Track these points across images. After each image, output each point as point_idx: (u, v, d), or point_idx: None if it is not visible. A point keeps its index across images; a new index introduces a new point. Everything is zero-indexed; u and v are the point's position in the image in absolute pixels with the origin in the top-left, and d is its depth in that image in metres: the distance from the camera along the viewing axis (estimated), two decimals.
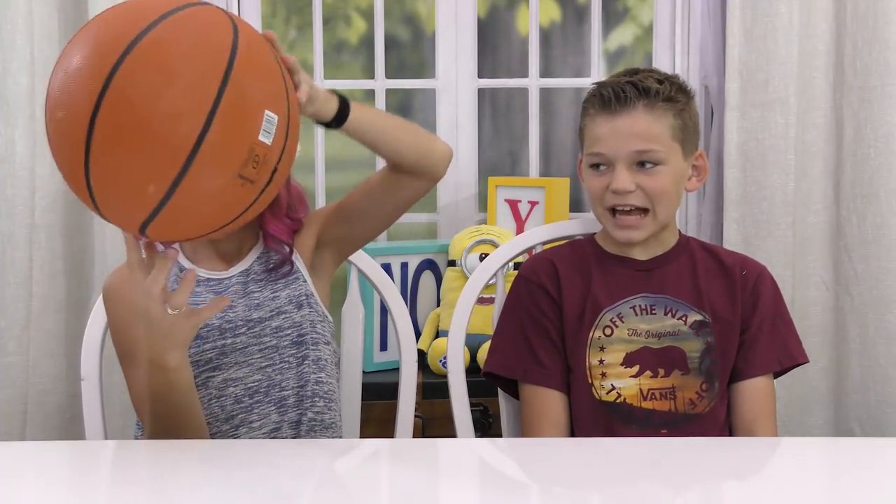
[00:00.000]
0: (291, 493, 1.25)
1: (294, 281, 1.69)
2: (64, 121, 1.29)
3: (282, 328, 1.65)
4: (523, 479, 1.38)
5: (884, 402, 2.31)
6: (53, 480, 1.35)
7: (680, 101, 1.68)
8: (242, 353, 1.63)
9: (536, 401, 1.71)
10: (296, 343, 1.66)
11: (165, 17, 1.30)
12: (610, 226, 1.71)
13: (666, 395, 1.68)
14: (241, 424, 1.62)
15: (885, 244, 2.30)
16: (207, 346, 1.61)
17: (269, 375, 1.63)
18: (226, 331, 1.62)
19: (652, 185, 1.66)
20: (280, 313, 1.66)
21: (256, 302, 1.65)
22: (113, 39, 1.28)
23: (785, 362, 1.74)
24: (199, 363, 1.61)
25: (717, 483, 1.32)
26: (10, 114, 2.31)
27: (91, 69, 1.27)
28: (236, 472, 1.33)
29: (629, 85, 1.66)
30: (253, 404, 1.62)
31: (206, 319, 1.47)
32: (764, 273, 1.76)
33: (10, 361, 2.31)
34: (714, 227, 2.44)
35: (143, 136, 1.26)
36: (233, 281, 1.65)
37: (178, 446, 1.46)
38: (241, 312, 1.64)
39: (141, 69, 1.26)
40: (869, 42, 2.29)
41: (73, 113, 1.27)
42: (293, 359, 1.65)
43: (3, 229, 2.31)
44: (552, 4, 2.77)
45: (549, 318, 1.71)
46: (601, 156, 1.69)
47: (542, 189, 2.44)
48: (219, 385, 1.62)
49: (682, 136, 1.69)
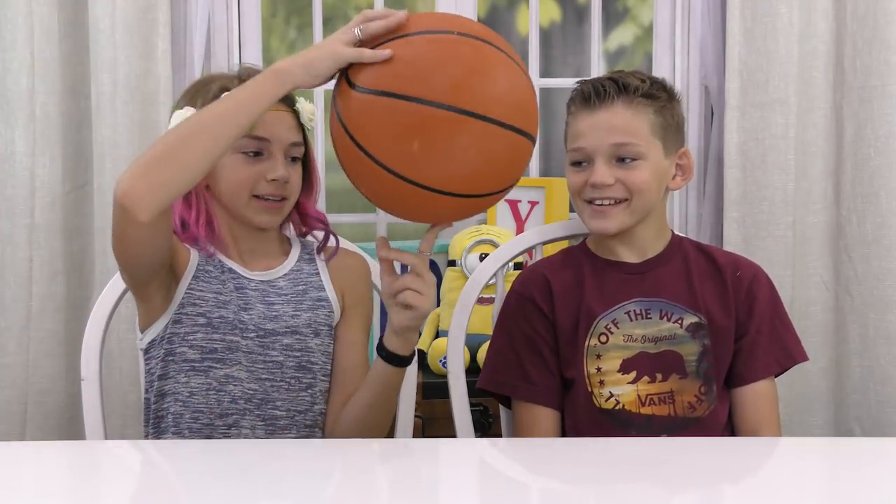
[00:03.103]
0: (291, 492, 1.25)
1: (321, 307, 1.70)
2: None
3: (292, 348, 1.65)
4: (523, 479, 1.38)
5: (884, 402, 2.31)
6: (53, 480, 1.35)
7: (660, 98, 1.68)
8: (247, 357, 1.63)
9: (526, 417, 1.72)
10: (302, 367, 1.66)
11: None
12: (586, 216, 1.71)
13: (664, 399, 1.67)
14: (234, 425, 1.62)
15: (885, 244, 2.30)
16: (216, 336, 1.62)
17: (265, 389, 1.63)
18: (237, 329, 1.62)
19: (631, 178, 1.66)
20: (295, 333, 1.66)
21: (274, 314, 1.65)
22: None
23: (785, 363, 1.74)
24: (205, 350, 1.61)
25: (717, 483, 1.32)
26: (10, 114, 2.31)
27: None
28: (235, 471, 1.33)
29: (609, 81, 1.67)
30: (245, 411, 1.62)
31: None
32: (759, 274, 1.75)
33: (10, 361, 2.31)
34: (714, 227, 2.44)
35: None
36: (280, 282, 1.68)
37: (178, 446, 1.47)
38: (255, 318, 1.64)
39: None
40: (869, 42, 2.29)
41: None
42: (294, 381, 1.66)
43: (3, 229, 2.31)
44: (552, 4, 2.77)
45: (541, 334, 1.71)
46: (581, 150, 1.69)
47: (542, 189, 2.44)
48: (220, 379, 1.62)
49: (663, 134, 1.68)
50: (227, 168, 1.62)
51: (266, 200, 1.63)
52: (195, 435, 1.60)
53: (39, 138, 2.31)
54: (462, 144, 1.38)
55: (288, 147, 1.65)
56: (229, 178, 1.62)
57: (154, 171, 1.41)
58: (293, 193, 1.67)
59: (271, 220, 1.66)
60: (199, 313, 1.61)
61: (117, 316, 1.85)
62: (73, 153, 2.34)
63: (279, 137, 1.64)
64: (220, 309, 1.62)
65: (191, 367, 1.61)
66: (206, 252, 1.64)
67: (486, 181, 1.43)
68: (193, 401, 1.61)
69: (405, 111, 1.38)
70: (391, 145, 1.40)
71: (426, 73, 1.39)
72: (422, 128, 1.38)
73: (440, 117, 1.37)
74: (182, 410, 1.61)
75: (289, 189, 1.65)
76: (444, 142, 1.38)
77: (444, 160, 1.39)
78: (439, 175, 1.40)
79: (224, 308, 1.62)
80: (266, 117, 1.59)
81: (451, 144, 1.38)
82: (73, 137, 2.34)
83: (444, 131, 1.38)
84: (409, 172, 1.40)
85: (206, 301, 1.62)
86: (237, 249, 1.68)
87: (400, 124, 1.39)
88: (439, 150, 1.38)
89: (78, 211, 2.35)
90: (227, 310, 1.62)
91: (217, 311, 1.62)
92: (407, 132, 1.38)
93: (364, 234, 2.61)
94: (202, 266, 1.63)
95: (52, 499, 1.25)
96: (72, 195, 2.34)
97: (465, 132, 1.38)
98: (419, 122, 1.38)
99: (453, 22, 1.45)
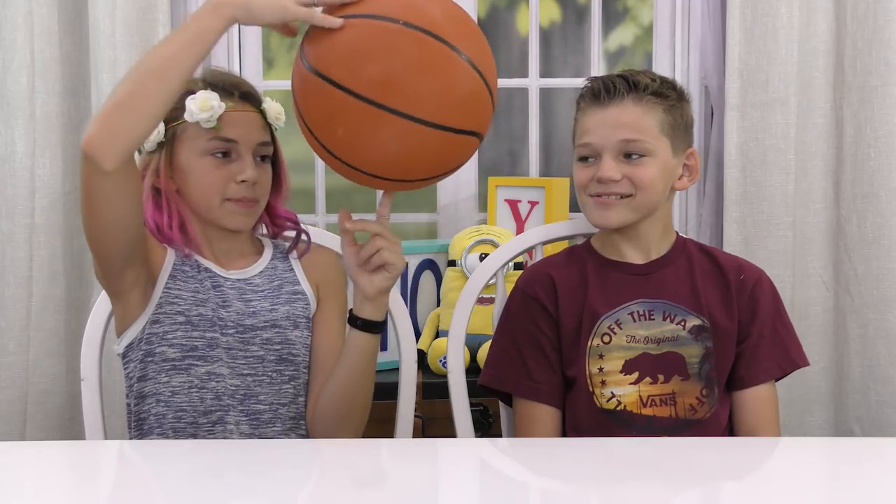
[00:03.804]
0: (291, 492, 1.25)
1: (298, 300, 1.70)
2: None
3: (272, 341, 1.66)
4: (523, 479, 1.38)
5: (884, 402, 2.31)
6: (53, 480, 1.35)
7: (670, 97, 1.68)
8: (228, 354, 1.63)
9: (527, 414, 1.71)
10: (283, 360, 1.66)
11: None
12: (588, 209, 1.71)
13: (666, 401, 1.67)
14: (218, 422, 1.62)
15: (885, 244, 2.30)
16: (196, 334, 1.61)
17: (247, 384, 1.63)
18: (216, 326, 1.62)
19: (638, 174, 1.66)
20: (274, 326, 1.66)
21: (252, 310, 1.65)
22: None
23: (786, 367, 1.74)
24: (185, 348, 1.61)
25: (717, 483, 1.32)
26: (10, 114, 2.31)
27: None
28: (234, 471, 1.33)
29: (619, 78, 1.68)
30: (229, 407, 1.62)
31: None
32: (762, 278, 1.75)
33: (10, 361, 2.31)
34: (714, 228, 2.44)
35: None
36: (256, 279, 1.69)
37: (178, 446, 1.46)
38: (233, 314, 1.64)
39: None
40: (869, 42, 2.29)
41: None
42: (276, 374, 1.66)
43: (3, 229, 2.31)
44: (552, 4, 2.77)
45: (544, 332, 1.71)
46: (589, 146, 1.69)
47: (542, 189, 2.44)
48: (202, 376, 1.61)
49: (672, 132, 1.68)
50: (196, 172, 1.63)
51: (238, 202, 1.64)
52: (179, 434, 1.60)
53: (39, 138, 2.31)
54: (383, 138, 1.40)
55: (256, 147, 1.65)
56: (199, 182, 1.63)
57: (115, 119, 1.42)
58: (264, 195, 1.68)
59: (244, 221, 1.67)
60: (177, 311, 1.61)
61: None
62: (73, 153, 2.34)
63: (246, 138, 1.64)
64: (198, 307, 1.62)
65: (171, 367, 1.61)
66: (182, 252, 1.64)
67: (414, 170, 1.45)
68: (176, 400, 1.61)
69: (332, 97, 1.40)
70: (321, 125, 1.43)
71: (359, 63, 1.39)
72: (345, 117, 1.40)
73: (363, 110, 1.38)
74: (164, 411, 1.61)
75: (259, 190, 1.66)
76: (366, 133, 1.40)
77: (368, 149, 1.41)
78: (365, 160, 1.43)
79: (203, 306, 1.62)
80: (232, 118, 1.62)
81: (374, 137, 1.40)
82: (73, 137, 2.34)
83: (367, 124, 1.39)
84: (339, 152, 1.43)
85: (185, 299, 1.62)
86: (212, 250, 1.68)
87: (328, 108, 1.41)
88: (362, 139, 1.40)
89: (78, 211, 2.33)
90: (205, 307, 1.62)
91: (196, 309, 1.62)
92: (333, 117, 1.41)
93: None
94: (178, 265, 1.64)
95: (52, 499, 1.25)
96: (72, 195, 2.34)
97: (386, 127, 1.39)
98: (343, 111, 1.40)
99: (409, 8, 1.42)
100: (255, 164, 1.65)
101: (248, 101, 1.66)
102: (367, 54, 1.39)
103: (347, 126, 1.40)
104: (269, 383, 1.65)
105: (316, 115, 1.43)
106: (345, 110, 1.39)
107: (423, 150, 1.42)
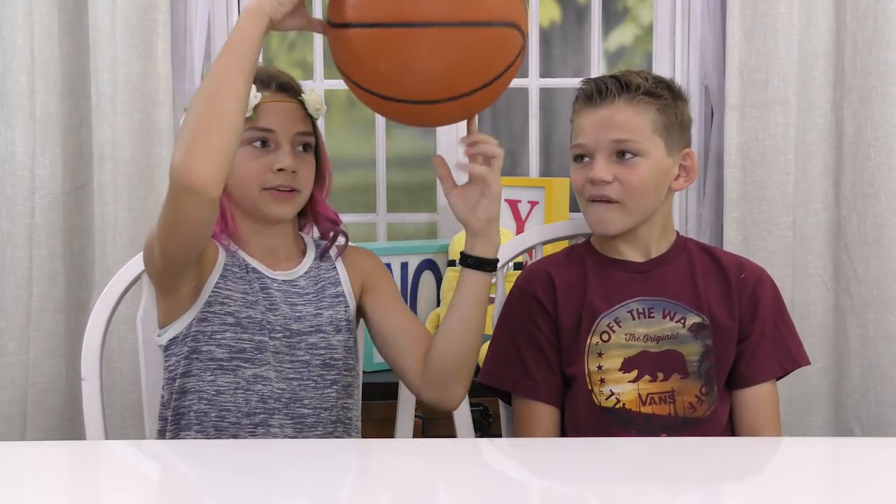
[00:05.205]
0: (291, 492, 1.25)
1: (339, 303, 1.70)
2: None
3: (317, 346, 1.66)
4: (523, 479, 1.38)
5: (884, 402, 2.31)
6: (53, 480, 1.34)
7: (663, 96, 1.69)
8: (275, 357, 1.63)
9: (526, 413, 1.72)
10: (326, 365, 1.67)
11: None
12: (588, 216, 1.72)
13: (665, 399, 1.67)
14: (261, 425, 1.62)
15: (885, 244, 2.30)
16: (245, 336, 1.62)
17: (293, 388, 1.64)
18: (265, 329, 1.62)
19: (630, 176, 1.66)
20: (319, 332, 1.67)
21: (298, 314, 1.66)
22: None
23: (787, 367, 1.74)
24: (234, 350, 1.61)
25: (717, 483, 1.32)
26: (10, 114, 2.31)
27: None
28: (235, 472, 1.33)
29: (612, 79, 1.69)
30: (274, 410, 1.62)
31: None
32: (763, 276, 1.75)
33: (10, 361, 2.31)
34: (714, 227, 2.44)
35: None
36: (301, 282, 1.69)
37: (178, 446, 1.46)
38: (280, 318, 1.64)
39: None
40: (869, 42, 2.29)
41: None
42: (319, 378, 1.66)
43: (3, 229, 2.31)
44: (552, 4, 2.77)
45: (543, 331, 1.71)
46: (582, 146, 1.70)
47: (542, 189, 2.44)
48: (249, 378, 1.62)
49: (666, 132, 1.68)
50: (235, 162, 1.63)
51: (276, 191, 1.63)
52: (221, 434, 1.60)
53: (39, 138, 2.31)
54: (423, 55, 1.43)
55: (294, 136, 1.65)
56: (238, 171, 1.61)
57: (201, 143, 1.42)
58: (305, 186, 1.67)
59: (284, 210, 1.66)
60: (227, 312, 1.61)
61: (117, 316, 1.85)
62: (73, 153, 2.34)
63: (284, 128, 1.64)
64: (248, 309, 1.62)
65: (218, 366, 1.61)
66: (224, 247, 1.64)
67: (466, 80, 1.47)
68: (220, 399, 1.61)
69: (358, 38, 1.45)
70: (362, 71, 1.47)
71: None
72: (378, 51, 1.44)
73: (393, 35, 1.42)
74: (207, 409, 1.61)
75: (298, 180, 1.65)
76: (406, 57, 1.43)
77: (415, 73, 1.45)
78: (417, 87, 1.46)
79: (252, 308, 1.62)
80: (269, 108, 1.62)
81: (414, 58, 1.43)
82: (73, 137, 2.34)
83: (403, 49, 1.43)
84: (391, 91, 1.47)
85: (235, 300, 1.62)
86: (257, 248, 1.67)
87: (359, 52, 1.46)
88: (404, 66, 1.44)
89: (78, 211, 2.35)
90: (254, 310, 1.62)
91: (245, 311, 1.62)
92: (368, 56, 1.45)
93: (365, 233, 2.61)
94: (229, 266, 1.64)
95: (52, 499, 1.25)
96: (72, 195, 2.34)
97: (422, 43, 1.42)
98: (374, 47, 1.44)
99: None
100: (295, 154, 1.65)
101: (285, 91, 1.66)
102: None
103: (386, 59, 1.44)
104: (314, 387, 1.65)
105: (355, 65, 1.47)
106: (375, 45, 1.44)
107: (466, 54, 1.44)
